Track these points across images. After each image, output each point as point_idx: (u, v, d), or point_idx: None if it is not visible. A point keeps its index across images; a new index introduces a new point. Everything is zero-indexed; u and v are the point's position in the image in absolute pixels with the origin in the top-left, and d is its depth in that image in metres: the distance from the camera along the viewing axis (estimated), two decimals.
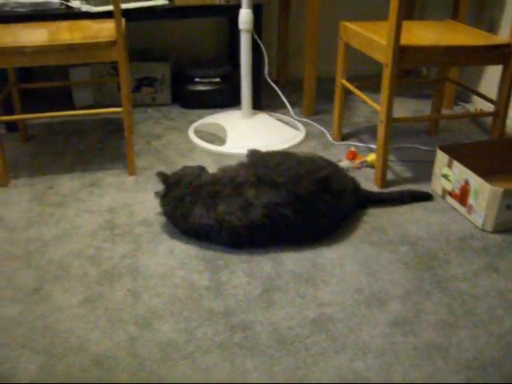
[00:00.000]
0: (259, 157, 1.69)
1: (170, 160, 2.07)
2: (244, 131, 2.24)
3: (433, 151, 2.04)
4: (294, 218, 1.50)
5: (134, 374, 1.14)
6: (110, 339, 1.23)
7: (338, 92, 2.17)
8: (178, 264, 1.49)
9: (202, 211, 1.51)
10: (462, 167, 1.68)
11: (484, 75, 2.54)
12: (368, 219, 1.69)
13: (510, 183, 1.83)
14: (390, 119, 1.78)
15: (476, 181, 1.63)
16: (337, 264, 1.49)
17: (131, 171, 1.96)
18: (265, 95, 2.62)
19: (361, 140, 2.27)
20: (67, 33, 1.84)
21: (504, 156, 1.88)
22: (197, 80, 2.57)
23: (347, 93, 2.25)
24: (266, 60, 2.38)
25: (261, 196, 1.50)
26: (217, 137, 2.28)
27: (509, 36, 1.77)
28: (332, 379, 1.13)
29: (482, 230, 1.63)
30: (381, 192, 1.83)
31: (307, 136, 2.29)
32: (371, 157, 1.99)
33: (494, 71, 2.43)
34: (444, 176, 1.78)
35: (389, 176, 1.94)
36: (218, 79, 2.58)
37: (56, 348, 1.21)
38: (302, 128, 2.35)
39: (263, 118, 2.32)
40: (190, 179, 1.59)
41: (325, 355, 1.19)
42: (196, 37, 2.86)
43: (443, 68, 2.17)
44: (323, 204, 1.54)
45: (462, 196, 1.70)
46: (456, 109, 2.59)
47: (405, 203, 1.78)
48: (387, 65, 1.71)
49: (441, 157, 1.78)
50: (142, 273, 1.45)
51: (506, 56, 1.79)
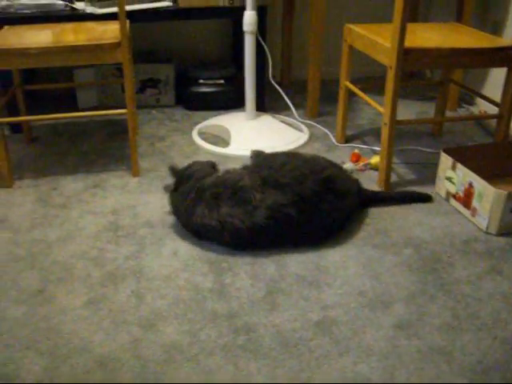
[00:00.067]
0: (263, 158, 1.69)
1: (174, 162, 2.07)
2: (248, 133, 2.24)
3: (437, 153, 2.04)
4: (298, 218, 1.50)
5: (138, 376, 1.14)
6: (114, 341, 1.23)
7: (342, 94, 2.17)
8: (182, 266, 1.49)
9: (205, 211, 1.52)
10: (466, 170, 1.68)
11: (488, 77, 2.54)
12: (371, 221, 1.69)
13: None
14: (394, 121, 1.78)
15: (480, 183, 1.62)
16: (340, 266, 1.49)
17: (135, 173, 1.96)
18: (269, 97, 2.62)
19: (364, 142, 2.26)
20: (72, 34, 1.85)
21: (508, 159, 1.87)
22: (201, 82, 2.57)
23: (351, 95, 2.25)
24: (270, 62, 2.39)
25: (266, 198, 1.50)
26: (221, 138, 2.28)
27: None
28: (335, 382, 1.13)
29: (486, 233, 1.63)
30: (381, 191, 1.85)
31: (311, 138, 2.29)
32: (375, 159, 1.99)
33: (499, 73, 2.42)
34: (448, 179, 1.77)
35: (392, 178, 1.94)
36: (222, 81, 2.58)
37: (60, 349, 1.21)
38: (306, 130, 2.35)
39: (267, 120, 2.32)
40: (200, 175, 1.61)
41: (328, 358, 1.19)
42: (200, 38, 2.87)
43: (447, 70, 2.17)
44: (327, 204, 1.54)
45: (466, 199, 1.69)
46: (460, 111, 2.59)
47: (404, 203, 1.78)
48: (391, 67, 1.71)
49: (445, 159, 1.78)
50: (146, 274, 1.45)
51: (511, 58, 1.78)
